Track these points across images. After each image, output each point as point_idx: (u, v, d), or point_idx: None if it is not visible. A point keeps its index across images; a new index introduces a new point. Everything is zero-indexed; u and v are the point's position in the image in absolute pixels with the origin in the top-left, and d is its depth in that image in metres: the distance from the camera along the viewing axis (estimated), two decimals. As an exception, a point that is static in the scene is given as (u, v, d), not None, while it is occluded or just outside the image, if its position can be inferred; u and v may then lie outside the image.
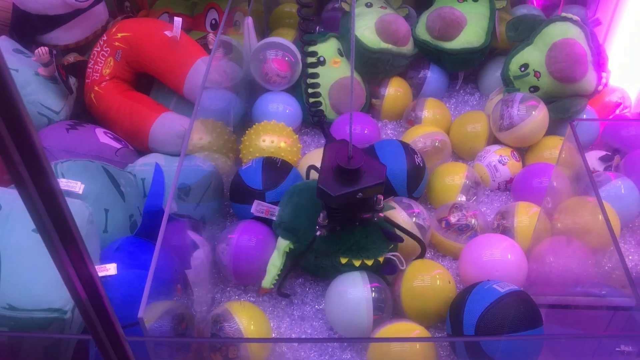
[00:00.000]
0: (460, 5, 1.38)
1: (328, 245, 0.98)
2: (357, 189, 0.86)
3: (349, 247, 0.97)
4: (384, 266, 1.00)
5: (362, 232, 0.97)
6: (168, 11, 1.43)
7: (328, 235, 0.96)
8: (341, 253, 0.98)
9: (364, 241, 0.97)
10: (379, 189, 0.88)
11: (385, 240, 0.98)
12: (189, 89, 1.19)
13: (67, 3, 1.17)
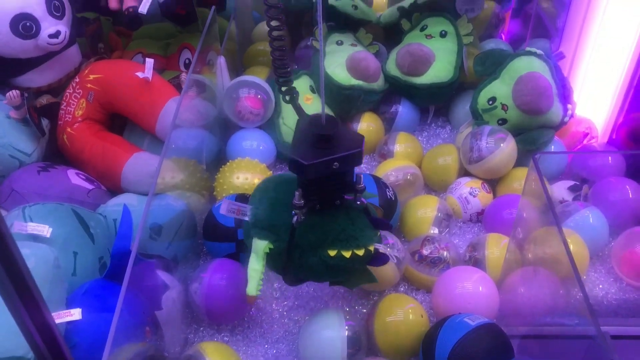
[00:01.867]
0: (429, 41, 1.41)
1: (312, 237, 0.87)
2: (332, 157, 0.78)
3: (336, 236, 0.86)
4: (375, 258, 0.92)
5: (347, 219, 0.87)
6: (142, 51, 1.45)
7: (310, 225, 0.86)
8: (328, 244, 0.87)
9: (350, 228, 0.87)
10: (356, 159, 0.80)
11: (372, 228, 0.90)
12: (161, 129, 1.20)
13: (39, 47, 1.18)
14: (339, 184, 0.84)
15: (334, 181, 0.83)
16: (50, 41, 1.18)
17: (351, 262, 0.87)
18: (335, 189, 0.85)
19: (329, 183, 0.83)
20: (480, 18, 1.58)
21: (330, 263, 0.87)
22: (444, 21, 1.43)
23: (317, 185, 0.83)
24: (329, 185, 0.84)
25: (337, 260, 0.87)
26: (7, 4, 1.13)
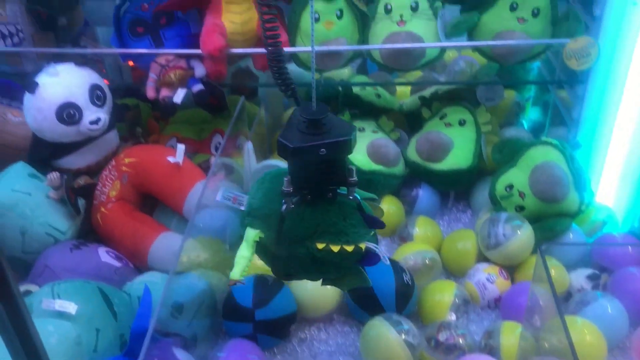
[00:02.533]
0: (447, 129, 1.46)
1: (301, 228, 0.85)
2: (318, 142, 0.77)
3: (325, 229, 0.85)
4: (365, 257, 0.89)
5: (339, 214, 0.85)
6: (177, 135, 1.54)
7: (300, 216, 0.84)
8: (317, 237, 0.85)
9: (341, 224, 0.85)
10: (345, 148, 0.79)
11: (364, 226, 0.87)
12: (188, 210, 1.26)
13: (81, 132, 1.28)
14: (329, 174, 0.83)
15: (324, 170, 0.82)
16: (90, 127, 1.27)
17: (339, 257, 0.86)
18: (325, 180, 0.83)
19: (318, 172, 0.82)
20: (500, 106, 1.63)
21: (318, 256, 0.86)
22: (463, 110, 1.49)
23: (305, 172, 0.82)
24: (319, 175, 0.82)
25: (324, 253, 0.86)
26: (55, 94, 1.24)
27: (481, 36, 1.33)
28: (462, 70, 1.78)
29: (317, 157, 0.77)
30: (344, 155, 0.81)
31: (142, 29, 1.36)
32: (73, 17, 1.53)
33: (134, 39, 1.37)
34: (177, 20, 1.37)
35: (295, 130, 0.78)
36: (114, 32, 1.39)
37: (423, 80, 1.75)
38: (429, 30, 1.31)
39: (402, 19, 1.31)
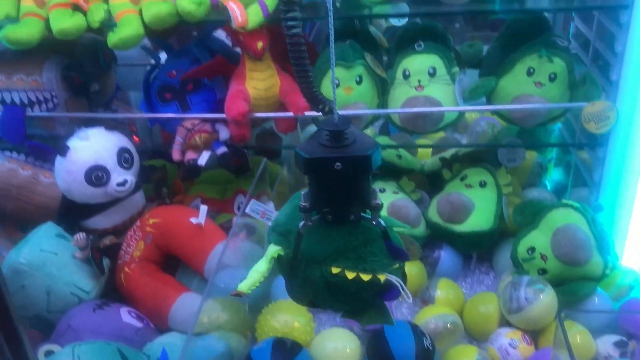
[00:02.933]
0: (468, 190, 1.46)
1: (319, 249, 0.81)
2: (334, 156, 0.73)
3: (343, 253, 0.80)
4: (384, 290, 0.83)
5: (361, 239, 0.80)
6: (201, 195, 1.57)
7: (319, 236, 0.81)
8: (333, 260, 0.80)
9: (361, 250, 0.80)
10: (364, 164, 0.74)
11: (388, 256, 0.82)
12: (209, 270, 1.27)
13: (108, 194, 1.32)
14: (350, 194, 0.78)
15: (344, 189, 0.77)
16: (117, 189, 1.31)
17: (354, 286, 0.81)
18: (346, 200, 0.79)
19: (338, 190, 0.77)
20: (522, 167, 1.63)
21: (332, 281, 0.81)
22: (483, 172, 1.50)
23: (324, 189, 0.78)
24: (339, 193, 0.78)
25: (338, 279, 0.80)
26: (85, 157, 1.29)
27: (499, 100, 1.35)
28: (483, 131, 1.80)
29: (334, 172, 0.74)
30: (363, 174, 0.77)
31: (170, 94, 1.41)
32: (105, 83, 1.61)
33: (162, 104, 1.43)
34: (204, 87, 1.42)
35: (315, 143, 0.75)
36: (143, 97, 1.45)
37: (444, 141, 1.77)
38: (446, 94, 1.34)
39: (420, 84, 1.34)
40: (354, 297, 0.84)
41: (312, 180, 0.77)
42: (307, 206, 0.78)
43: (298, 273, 0.83)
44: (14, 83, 1.41)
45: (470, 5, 1.29)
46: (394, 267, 0.82)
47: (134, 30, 1.24)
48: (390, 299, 0.84)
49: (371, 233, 0.81)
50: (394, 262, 0.82)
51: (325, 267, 0.80)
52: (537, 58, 1.28)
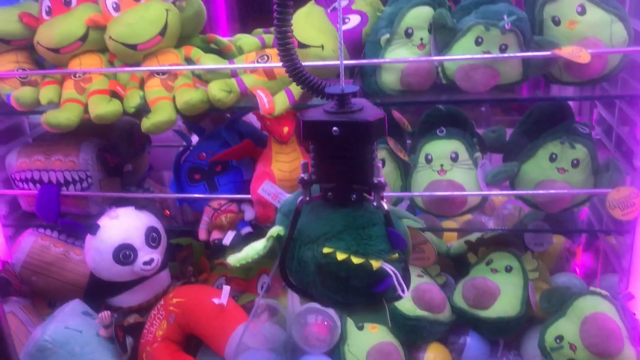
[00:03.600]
0: (494, 275, 1.44)
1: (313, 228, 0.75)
2: (332, 120, 0.69)
3: (337, 234, 0.74)
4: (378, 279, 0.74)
5: (359, 221, 0.74)
6: (226, 275, 1.59)
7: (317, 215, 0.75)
8: (326, 240, 0.74)
9: (358, 232, 0.74)
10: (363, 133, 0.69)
11: (386, 243, 0.75)
12: (229, 353, 1.27)
13: (134, 272, 1.35)
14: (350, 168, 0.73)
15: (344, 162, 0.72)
16: (144, 268, 1.34)
17: (345, 271, 0.74)
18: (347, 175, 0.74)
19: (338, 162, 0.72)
20: (549, 252, 1.61)
21: (322, 262, 0.74)
22: (509, 256, 1.48)
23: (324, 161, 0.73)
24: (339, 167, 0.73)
25: (329, 260, 0.73)
26: (113, 236, 1.33)
27: (523, 185, 1.35)
28: (510, 215, 1.78)
29: (332, 139, 0.69)
30: (364, 144, 0.72)
31: (199, 175, 1.46)
32: (139, 164, 1.67)
33: (191, 185, 1.47)
34: (231, 168, 1.47)
35: (320, 111, 0.72)
36: (173, 177, 1.50)
37: (470, 224, 1.76)
38: (469, 178, 1.35)
39: (442, 168, 1.36)
40: (345, 285, 0.76)
41: (312, 150, 0.74)
42: (306, 178, 0.74)
43: (293, 255, 0.77)
44: (52, 163, 1.48)
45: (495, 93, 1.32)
46: (392, 256, 0.76)
47: (167, 116, 1.30)
48: (383, 290, 0.75)
49: (372, 216, 0.76)
50: (392, 250, 0.76)
51: (317, 246, 0.75)
52: (559, 144, 1.29)
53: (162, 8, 1.34)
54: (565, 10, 1.19)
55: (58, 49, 1.37)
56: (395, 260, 0.75)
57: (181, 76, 1.36)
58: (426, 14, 1.27)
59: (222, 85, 1.30)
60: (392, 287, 0.73)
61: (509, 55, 1.20)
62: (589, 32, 1.19)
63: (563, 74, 1.24)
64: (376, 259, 0.73)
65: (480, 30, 1.20)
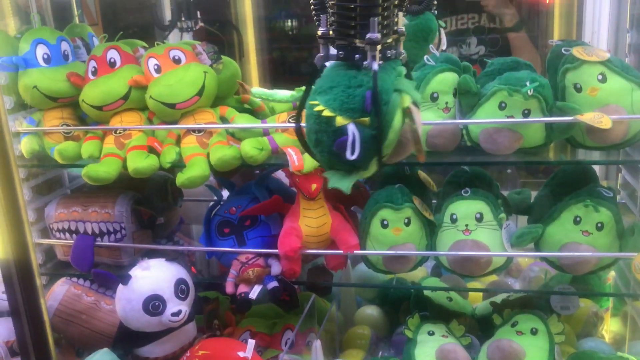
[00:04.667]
0: (519, 337, 1.43)
1: (320, 83, 0.81)
2: None
3: (331, 89, 0.79)
4: (338, 136, 0.78)
5: (352, 80, 0.78)
6: (250, 329, 1.60)
7: (328, 73, 0.81)
8: (321, 92, 0.80)
9: (344, 90, 0.78)
10: None
11: (361, 103, 0.76)
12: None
13: (162, 323, 1.37)
14: (353, 23, 0.76)
15: (351, 17, 0.75)
16: (172, 319, 1.37)
17: (318, 123, 0.78)
18: (350, 31, 0.76)
19: (344, 16, 0.76)
20: (576, 316, 1.59)
21: (311, 113, 0.80)
22: (535, 319, 1.47)
23: (335, 13, 0.76)
24: (344, 20, 0.76)
25: (310, 111, 0.79)
26: (144, 286, 1.37)
27: (548, 247, 1.36)
28: (536, 277, 1.78)
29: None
30: None
31: (228, 229, 1.50)
32: (171, 217, 1.73)
33: (220, 238, 1.52)
34: (260, 223, 1.51)
35: None
36: (204, 231, 1.54)
37: (496, 285, 1.76)
38: (494, 239, 1.36)
39: (467, 228, 1.37)
40: (319, 138, 0.81)
41: (331, 2, 0.77)
42: (325, 32, 0.78)
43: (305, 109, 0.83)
44: (88, 215, 1.54)
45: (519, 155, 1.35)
46: (361, 119, 0.78)
47: (201, 172, 1.36)
48: (339, 147, 0.78)
49: (363, 78, 0.79)
50: (364, 112, 0.78)
51: (312, 98, 0.81)
52: (583, 207, 1.31)
53: (200, 70, 1.42)
54: (586, 78, 1.23)
55: (101, 107, 1.46)
56: (364, 125, 0.78)
57: (216, 134, 1.42)
58: (451, 80, 1.33)
59: (255, 143, 1.36)
60: (351, 148, 0.76)
61: (531, 120, 1.24)
62: (610, 99, 1.22)
63: (586, 139, 1.27)
64: (345, 117, 0.77)
65: (503, 96, 1.25)
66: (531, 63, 1.35)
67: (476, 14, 2.38)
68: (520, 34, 2.31)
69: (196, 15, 2.32)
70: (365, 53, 0.78)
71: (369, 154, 0.80)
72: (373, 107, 0.77)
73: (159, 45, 1.49)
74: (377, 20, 0.76)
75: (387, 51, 0.83)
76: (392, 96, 0.81)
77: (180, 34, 2.31)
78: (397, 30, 0.85)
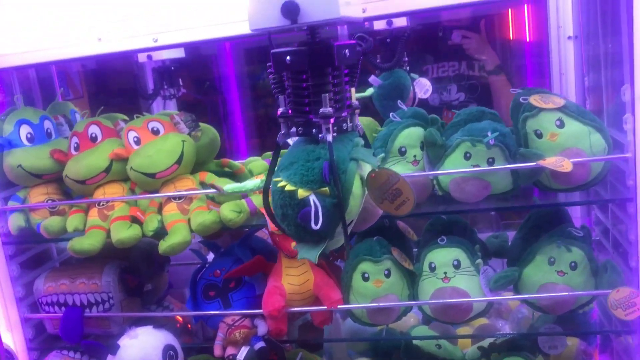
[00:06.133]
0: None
1: (283, 160, 0.85)
2: (286, 50, 0.79)
3: (292, 164, 0.82)
4: (301, 208, 0.81)
5: (311, 154, 0.82)
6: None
7: (291, 149, 0.84)
8: (283, 169, 0.83)
9: (304, 165, 0.81)
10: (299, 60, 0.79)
11: (320, 175, 0.80)
12: None
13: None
14: (307, 100, 0.81)
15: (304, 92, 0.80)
16: (160, 386, 1.38)
17: (282, 198, 0.81)
18: (305, 104, 0.81)
19: (300, 94, 0.81)
20: (565, 355, 1.59)
21: (276, 189, 0.83)
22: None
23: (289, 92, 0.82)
24: (301, 97, 0.81)
25: (274, 187, 0.82)
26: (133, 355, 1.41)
27: (526, 289, 1.38)
28: (524, 318, 1.79)
29: (286, 65, 0.79)
30: (314, 71, 0.81)
31: (214, 292, 1.53)
32: (159, 282, 1.75)
33: (206, 302, 1.54)
34: (244, 284, 1.53)
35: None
36: (189, 295, 1.56)
37: (485, 329, 1.77)
38: (473, 284, 1.39)
39: (446, 275, 1.40)
40: (284, 213, 0.84)
41: (286, 82, 0.83)
42: (284, 111, 0.84)
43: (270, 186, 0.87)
44: (76, 286, 1.57)
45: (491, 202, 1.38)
46: (321, 189, 0.81)
47: (182, 238, 1.40)
48: (302, 219, 0.81)
49: (321, 151, 0.83)
50: (323, 183, 0.81)
51: (276, 175, 0.85)
52: (556, 248, 1.34)
53: (178, 140, 1.47)
54: (545, 125, 1.28)
55: (84, 181, 1.50)
56: (324, 194, 0.81)
57: (196, 199, 1.47)
58: (417, 134, 1.38)
59: (233, 206, 1.40)
60: (314, 218, 0.79)
61: (495, 167, 1.29)
62: (569, 142, 1.27)
63: (551, 182, 1.32)
64: (306, 189, 0.81)
65: (467, 146, 1.30)
66: (496, 112, 1.40)
67: (456, 62, 2.47)
68: (500, 77, 2.39)
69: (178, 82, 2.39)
70: (321, 127, 0.84)
71: (332, 222, 0.84)
72: (331, 177, 0.82)
73: (138, 118, 1.55)
74: (327, 97, 0.82)
75: (343, 124, 0.90)
76: (349, 165, 0.86)
77: (163, 102, 2.38)
78: (351, 104, 0.91)
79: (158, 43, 1.33)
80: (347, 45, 0.85)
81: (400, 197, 1.20)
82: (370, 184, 0.93)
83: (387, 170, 0.91)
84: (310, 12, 0.79)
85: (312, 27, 0.84)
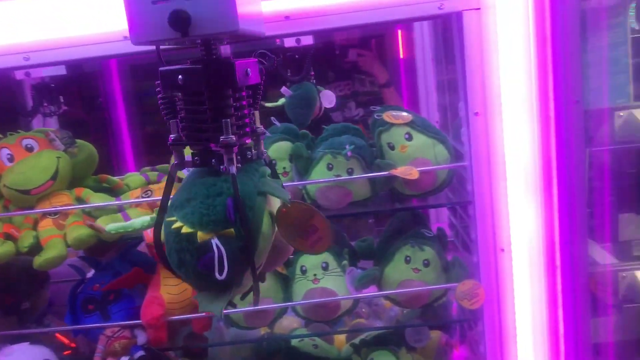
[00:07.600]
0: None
1: (177, 196, 0.71)
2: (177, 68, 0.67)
3: (184, 201, 0.68)
4: (202, 254, 0.67)
5: (211, 188, 0.68)
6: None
7: (186, 183, 0.71)
8: (177, 207, 0.69)
9: (203, 202, 0.67)
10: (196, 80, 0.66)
11: (223, 213, 0.67)
12: None
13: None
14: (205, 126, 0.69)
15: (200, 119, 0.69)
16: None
17: (178, 242, 0.68)
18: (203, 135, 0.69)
19: (195, 120, 0.69)
20: (429, 347, 1.75)
21: (169, 231, 0.69)
22: (388, 354, 1.62)
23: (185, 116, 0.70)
24: (195, 124, 0.69)
25: (168, 229, 0.69)
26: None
27: (388, 286, 1.52)
28: (396, 315, 1.94)
29: (176, 83, 0.68)
30: (210, 93, 0.69)
31: (93, 306, 1.55)
32: (37, 300, 1.73)
33: (85, 315, 1.55)
34: (124, 296, 1.56)
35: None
36: (68, 310, 1.57)
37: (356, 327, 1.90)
38: (340, 284, 1.51)
39: (316, 277, 1.52)
40: (181, 259, 0.70)
41: (179, 105, 0.72)
42: (175, 138, 0.72)
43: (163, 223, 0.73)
44: (-54, 308, 1.53)
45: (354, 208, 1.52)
46: (226, 231, 0.69)
47: (57, 252, 1.42)
48: (204, 267, 0.68)
49: (223, 184, 0.71)
50: (227, 223, 0.68)
51: (169, 214, 0.71)
52: (410, 248, 1.49)
53: (52, 156, 1.49)
54: (396, 138, 1.44)
55: (-46, 199, 1.48)
56: (229, 237, 0.68)
57: (72, 215, 1.49)
58: (285, 147, 1.49)
59: (109, 220, 1.44)
60: (218, 266, 0.66)
61: (354, 177, 1.42)
62: (417, 153, 1.43)
63: (404, 188, 1.47)
64: (207, 231, 0.68)
65: (329, 158, 1.43)
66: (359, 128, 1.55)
67: (350, 80, 2.64)
68: (390, 89, 2.57)
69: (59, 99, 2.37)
70: (222, 157, 0.72)
71: (240, 268, 0.72)
72: (237, 216, 0.69)
73: (12, 136, 1.55)
74: (229, 122, 0.71)
75: (247, 152, 0.79)
76: (256, 200, 0.75)
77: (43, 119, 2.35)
78: (255, 129, 0.81)
79: (30, 62, 1.35)
80: (249, 63, 0.75)
81: (316, 233, 0.99)
82: (281, 220, 0.80)
83: (301, 205, 0.80)
84: (203, 23, 0.68)
85: (207, 41, 0.73)
